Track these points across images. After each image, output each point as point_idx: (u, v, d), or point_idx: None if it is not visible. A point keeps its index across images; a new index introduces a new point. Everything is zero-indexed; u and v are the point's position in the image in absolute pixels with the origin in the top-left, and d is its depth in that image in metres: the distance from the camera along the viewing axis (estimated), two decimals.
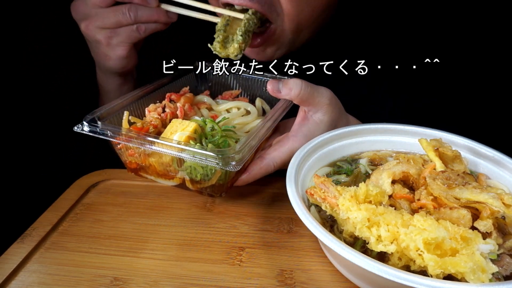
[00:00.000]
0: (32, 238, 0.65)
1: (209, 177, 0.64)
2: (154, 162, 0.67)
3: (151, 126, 0.69)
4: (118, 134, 0.63)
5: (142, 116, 0.76)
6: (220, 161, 0.57)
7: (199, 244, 0.64)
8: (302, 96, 0.69)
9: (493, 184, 0.64)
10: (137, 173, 0.72)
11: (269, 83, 0.70)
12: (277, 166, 0.69)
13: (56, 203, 0.74)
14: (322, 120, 0.72)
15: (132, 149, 0.68)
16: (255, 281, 0.57)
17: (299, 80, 0.69)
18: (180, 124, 0.67)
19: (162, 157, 0.65)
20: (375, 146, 0.74)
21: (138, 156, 0.68)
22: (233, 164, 0.57)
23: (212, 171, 0.63)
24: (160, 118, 0.72)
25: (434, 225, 0.46)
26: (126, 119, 0.70)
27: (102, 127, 0.64)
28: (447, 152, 0.62)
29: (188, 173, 0.65)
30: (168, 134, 0.67)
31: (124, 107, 0.72)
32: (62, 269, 0.59)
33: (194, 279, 0.57)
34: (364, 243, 0.51)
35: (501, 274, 0.48)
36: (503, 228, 0.53)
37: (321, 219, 0.58)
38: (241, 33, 0.71)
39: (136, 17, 0.77)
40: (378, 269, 0.43)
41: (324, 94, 0.71)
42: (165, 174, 0.68)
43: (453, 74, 0.97)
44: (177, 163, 0.65)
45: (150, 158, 0.67)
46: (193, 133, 0.66)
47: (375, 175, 0.60)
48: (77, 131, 0.64)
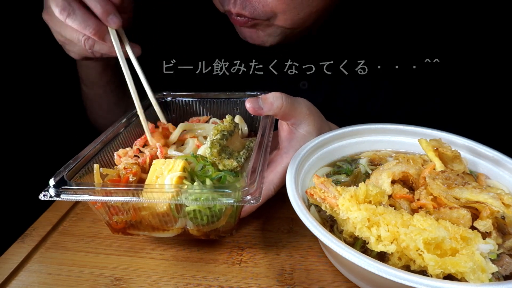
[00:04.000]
0: (32, 238, 0.65)
1: (218, 218, 0.56)
2: (148, 215, 0.56)
3: (131, 174, 0.60)
4: (97, 192, 0.52)
5: (111, 165, 0.65)
6: (234, 197, 0.50)
7: (199, 244, 0.64)
8: (285, 109, 0.66)
9: (492, 184, 0.64)
10: (126, 233, 0.61)
11: (248, 102, 0.67)
12: (277, 188, 0.66)
13: (56, 203, 0.74)
14: (309, 131, 0.70)
15: (116, 206, 0.57)
16: (255, 281, 0.57)
17: (278, 93, 0.66)
18: (164, 164, 0.59)
19: (156, 207, 0.55)
20: (375, 146, 0.74)
21: (126, 212, 0.57)
22: (248, 198, 0.50)
23: (222, 210, 0.56)
24: (137, 163, 0.63)
25: (434, 225, 0.46)
26: (97, 172, 0.59)
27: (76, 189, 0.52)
28: (447, 152, 0.62)
29: (191, 219, 0.56)
30: (153, 180, 0.58)
31: (90, 159, 0.60)
32: (62, 269, 0.59)
33: (194, 279, 0.57)
34: (364, 243, 0.51)
35: (501, 274, 0.49)
36: (503, 228, 0.53)
37: (321, 219, 0.58)
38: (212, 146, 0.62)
39: (92, 48, 0.72)
40: (378, 269, 0.43)
41: (303, 104, 0.69)
42: (162, 226, 0.59)
43: (453, 74, 0.97)
44: (176, 210, 0.56)
45: (141, 212, 0.56)
46: (183, 173, 0.58)
47: (375, 175, 0.60)
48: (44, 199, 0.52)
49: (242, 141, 0.70)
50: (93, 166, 0.59)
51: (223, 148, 0.62)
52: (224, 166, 0.61)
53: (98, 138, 0.65)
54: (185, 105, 0.83)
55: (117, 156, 0.65)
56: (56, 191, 0.52)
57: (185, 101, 0.83)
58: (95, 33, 0.68)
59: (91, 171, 0.59)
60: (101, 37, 0.69)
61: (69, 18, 0.66)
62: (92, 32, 0.68)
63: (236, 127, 0.68)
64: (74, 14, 0.66)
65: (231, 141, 0.65)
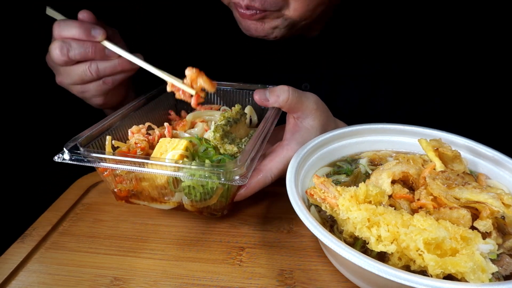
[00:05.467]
0: (32, 238, 0.65)
1: (210, 196, 0.61)
2: (148, 186, 0.62)
3: (138, 148, 0.65)
4: (105, 160, 0.58)
5: (124, 139, 0.71)
6: (224, 176, 0.54)
7: (199, 244, 0.64)
8: (291, 102, 0.68)
9: (492, 184, 0.64)
10: (128, 201, 0.68)
11: (256, 93, 0.70)
12: (274, 177, 0.68)
13: (56, 203, 0.74)
14: (313, 126, 0.71)
15: (121, 175, 0.63)
16: (255, 281, 0.57)
17: (286, 86, 0.68)
18: (169, 143, 0.64)
19: (156, 180, 0.61)
20: (375, 146, 0.74)
21: (129, 182, 0.63)
22: (237, 178, 0.54)
23: (213, 189, 0.60)
24: (147, 140, 0.68)
25: (434, 225, 0.46)
26: (109, 144, 0.65)
27: (87, 154, 0.58)
28: (447, 152, 0.62)
29: (186, 194, 0.61)
30: (157, 155, 0.63)
31: (104, 131, 0.67)
32: (62, 269, 0.59)
33: (194, 279, 0.57)
34: (364, 243, 0.51)
35: (501, 274, 0.48)
36: (503, 228, 0.53)
37: (321, 219, 0.58)
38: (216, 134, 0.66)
39: (98, 73, 0.75)
40: (378, 269, 0.43)
41: (311, 99, 0.70)
42: (160, 198, 0.64)
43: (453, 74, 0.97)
44: (173, 184, 0.61)
45: (142, 182, 0.62)
46: (185, 151, 0.62)
47: (375, 175, 0.60)
48: (58, 161, 0.58)
49: (247, 130, 0.74)
50: (105, 138, 0.66)
51: (226, 133, 0.66)
52: (225, 150, 0.65)
53: (114, 113, 0.71)
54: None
55: (130, 132, 0.70)
56: (69, 155, 0.58)
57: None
58: (94, 52, 0.72)
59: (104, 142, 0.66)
60: (101, 54, 0.73)
61: (70, 52, 0.71)
62: (92, 53, 0.72)
63: (242, 116, 0.73)
64: (71, 46, 0.71)
65: (235, 128, 0.70)
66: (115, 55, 0.75)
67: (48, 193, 0.77)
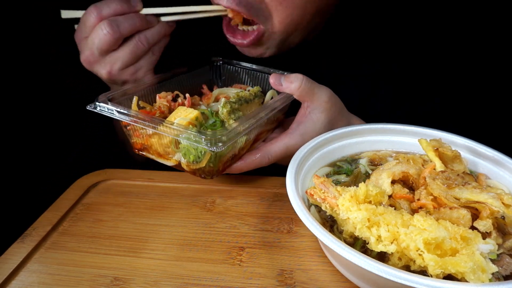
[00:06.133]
0: (32, 238, 0.65)
1: (200, 159, 0.68)
2: (155, 143, 0.72)
3: (158, 111, 0.74)
4: (124, 115, 0.68)
5: (153, 102, 0.79)
6: (208, 142, 0.61)
7: (199, 244, 0.64)
8: (302, 90, 0.71)
9: (493, 184, 0.64)
10: (140, 152, 0.77)
11: (272, 77, 0.74)
12: (271, 160, 0.72)
13: (56, 203, 0.74)
14: (319, 118, 0.73)
15: (137, 130, 0.73)
16: (255, 281, 0.57)
17: (301, 75, 0.72)
18: (184, 111, 0.71)
19: (161, 138, 0.70)
20: (375, 146, 0.74)
21: (142, 137, 0.73)
22: (220, 145, 0.61)
23: (202, 153, 0.67)
24: (168, 105, 0.76)
25: (434, 225, 0.46)
26: (135, 103, 0.75)
27: (111, 108, 0.68)
28: (447, 152, 0.62)
29: (183, 154, 0.69)
30: (172, 119, 0.70)
31: (136, 92, 0.76)
32: (62, 269, 0.59)
33: (194, 279, 0.57)
34: (364, 243, 0.51)
35: (501, 274, 0.49)
36: (503, 228, 0.53)
37: (321, 219, 0.58)
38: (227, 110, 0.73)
39: (148, 41, 0.77)
40: (378, 269, 0.43)
41: (324, 92, 0.73)
42: (165, 154, 0.73)
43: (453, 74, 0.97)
44: (174, 144, 0.69)
45: (151, 138, 0.72)
46: (194, 120, 0.69)
47: (375, 175, 0.60)
48: (89, 109, 0.68)
49: None
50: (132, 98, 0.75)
51: (234, 110, 0.72)
52: (230, 125, 0.70)
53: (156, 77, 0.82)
54: (234, 72, 0.95)
55: (158, 96, 0.78)
56: (99, 105, 0.69)
57: (234, 69, 0.95)
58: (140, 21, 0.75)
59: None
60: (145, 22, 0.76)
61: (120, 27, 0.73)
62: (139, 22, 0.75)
63: (256, 97, 0.80)
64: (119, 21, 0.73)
65: (246, 107, 0.76)
66: (155, 21, 0.78)
67: (48, 193, 0.77)
